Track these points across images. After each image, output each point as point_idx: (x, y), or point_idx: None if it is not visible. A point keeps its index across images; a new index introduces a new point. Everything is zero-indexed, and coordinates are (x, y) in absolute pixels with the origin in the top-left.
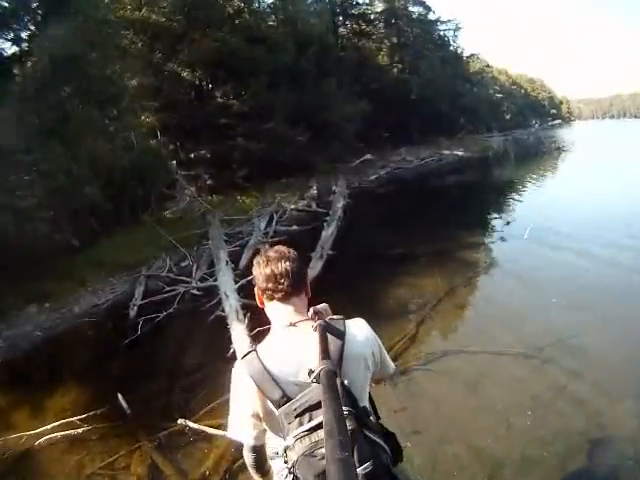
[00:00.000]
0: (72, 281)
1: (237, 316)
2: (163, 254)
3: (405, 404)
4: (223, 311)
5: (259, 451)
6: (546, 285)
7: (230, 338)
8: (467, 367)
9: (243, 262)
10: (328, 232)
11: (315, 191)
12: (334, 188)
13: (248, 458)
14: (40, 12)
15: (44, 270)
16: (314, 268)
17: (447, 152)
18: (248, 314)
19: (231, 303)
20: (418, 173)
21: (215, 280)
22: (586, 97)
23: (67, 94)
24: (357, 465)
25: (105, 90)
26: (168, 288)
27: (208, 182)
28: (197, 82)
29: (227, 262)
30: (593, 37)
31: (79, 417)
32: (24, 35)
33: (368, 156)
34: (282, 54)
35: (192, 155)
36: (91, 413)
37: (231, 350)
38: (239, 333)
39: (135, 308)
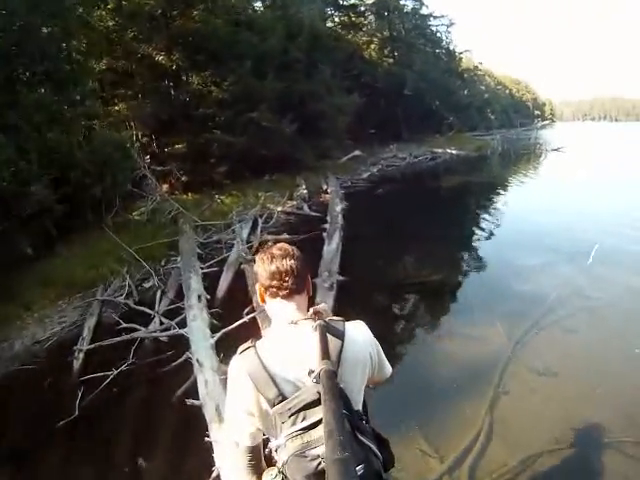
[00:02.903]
0: (17, 304)
1: (218, 411)
2: (125, 269)
3: None
4: (196, 393)
5: (254, 452)
6: (626, 328)
7: (212, 445)
8: (573, 475)
9: (222, 289)
10: (331, 246)
11: (305, 190)
12: (325, 187)
13: (242, 460)
14: None
15: None
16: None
17: (440, 150)
18: None
19: (207, 379)
20: (413, 172)
21: (184, 326)
22: (566, 99)
23: (15, 72)
24: None
25: (62, 69)
26: (124, 324)
27: (183, 178)
28: (174, 67)
29: (200, 297)
30: (574, 38)
31: None
32: None
33: (357, 152)
34: (271, 38)
35: (166, 149)
36: None
37: (214, 473)
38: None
39: (81, 355)
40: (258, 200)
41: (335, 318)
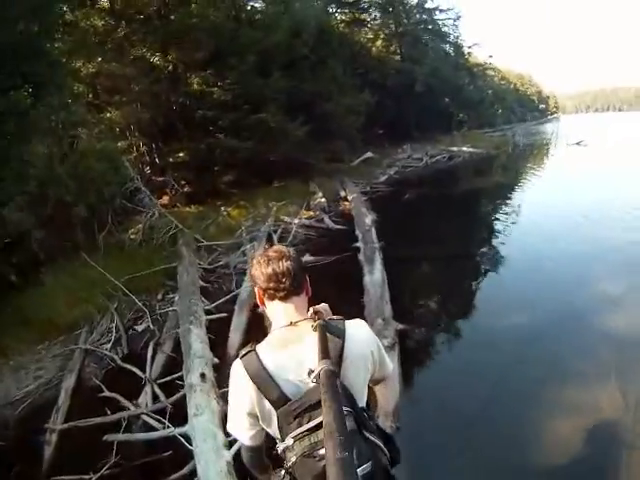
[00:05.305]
0: None
1: None
2: (114, 304)
3: None
4: None
5: (256, 451)
6: None
7: None
8: None
9: (234, 342)
10: (375, 277)
11: (323, 199)
12: (343, 194)
13: (246, 457)
14: None
15: None
16: None
17: (456, 149)
18: None
19: None
20: (433, 173)
21: (184, 423)
22: (568, 91)
23: None
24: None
25: (39, 70)
26: (107, 392)
27: (185, 189)
28: (170, 68)
29: (204, 376)
30: (574, 31)
31: None
32: None
33: (369, 154)
34: (274, 34)
35: (167, 157)
36: None
37: None
38: None
39: (54, 438)
40: (270, 211)
41: (335, 317)
